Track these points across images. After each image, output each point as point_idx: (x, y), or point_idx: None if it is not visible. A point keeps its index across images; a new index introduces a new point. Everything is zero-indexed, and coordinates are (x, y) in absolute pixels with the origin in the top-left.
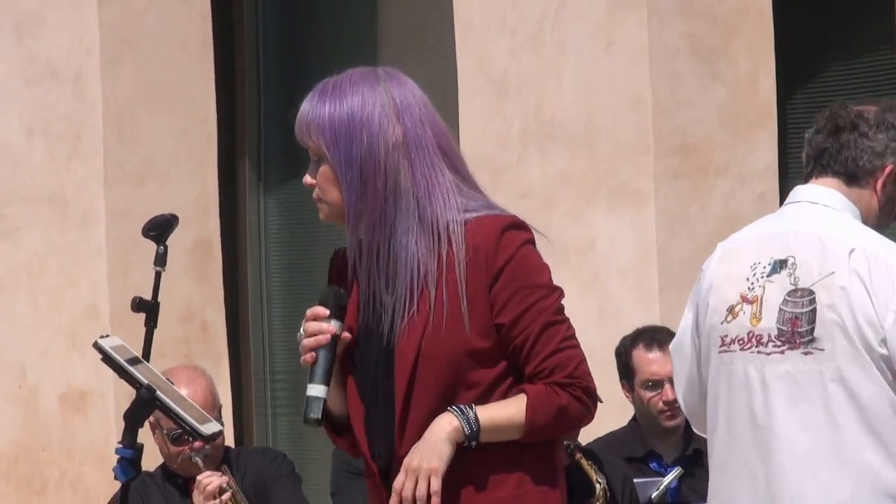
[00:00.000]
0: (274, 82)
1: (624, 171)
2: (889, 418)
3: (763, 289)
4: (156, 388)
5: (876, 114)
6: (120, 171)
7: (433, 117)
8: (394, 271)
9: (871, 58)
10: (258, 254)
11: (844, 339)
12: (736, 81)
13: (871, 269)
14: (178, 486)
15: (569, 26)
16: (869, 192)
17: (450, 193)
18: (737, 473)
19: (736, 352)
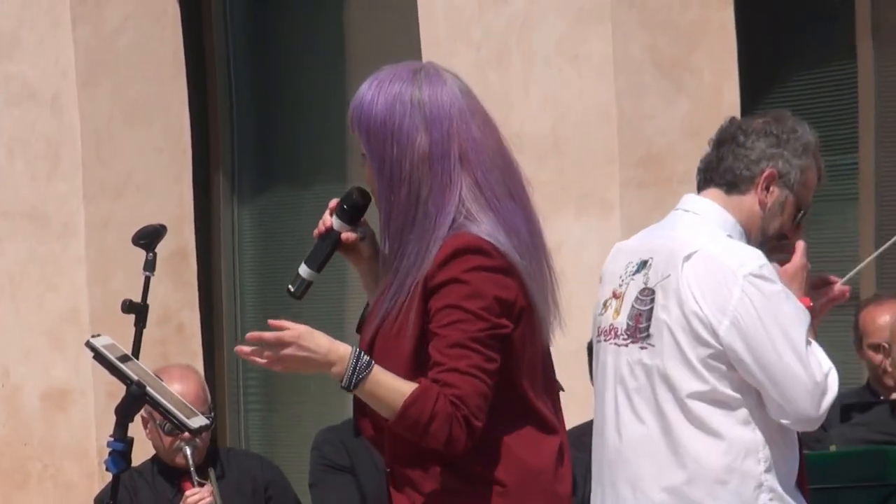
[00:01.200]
0: (245, 98)
1: (590, 181)
2: (713, 411)
3: (627, 286)
4: (145, 384)
5: (758, 125)
6: (99, 186)
7: (465, 122)
8: (393, 276)
9: (831, 68)
10: (231, 260)
11: (671, 338)
12: (699, 93)
13: (704, 271)
14: (169, 480)
15: (534, 40)
16: (750, 198)
17: (450, 213)
18: (599, 453)
19: (602, 342)
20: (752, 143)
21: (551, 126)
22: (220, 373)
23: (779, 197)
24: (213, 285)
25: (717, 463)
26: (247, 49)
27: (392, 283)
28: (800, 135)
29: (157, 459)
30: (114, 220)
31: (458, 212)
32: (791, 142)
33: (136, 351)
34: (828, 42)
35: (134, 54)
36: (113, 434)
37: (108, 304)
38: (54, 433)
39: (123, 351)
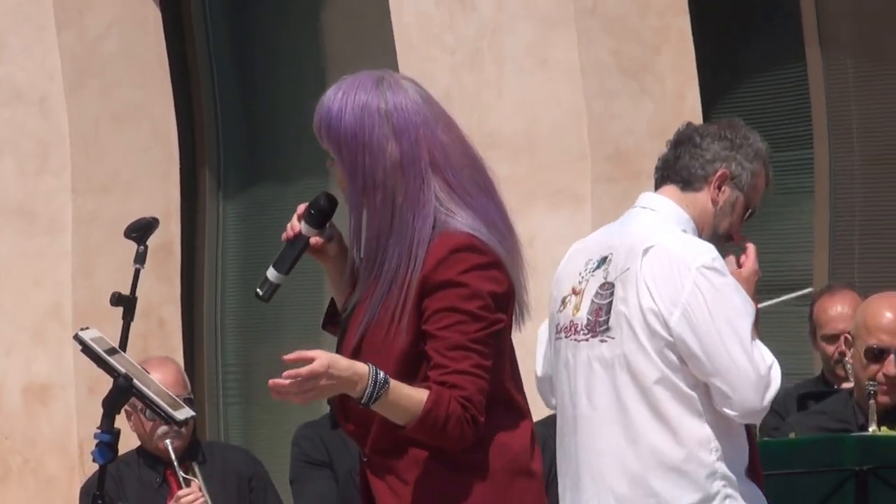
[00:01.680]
0: (228, 99)
1: (562, 177)
2: (670, 402)
3: (587, 282)
4: (132, 377)
5: (713, 129)
6: (86, 182)
7: (431, 130)
8: (374, 279)
9: (783, 71)
10: (215, 256)
11: (629, 330)
12: (663, 95)
13: (661, 264)
14: (154, 469)
15: (504, 45)
16: (704, 196)
17: (429, 213)
18: (563, 449)
19: (562, 339)
20: (708, 144)
21: (524, 126)
22: (199, 367)
23: (730, 197)
24: (195, 281)
25: (673, 453)
26: (228, 51)
27: (376, 288)
28: (752, 142)
29: (141, 449)
30: (100, 216)
31: (437, 211)
32: (744, 147)
33: (123, 343)
34: (779, 47)
35: (119, 58)
36: (100, 426)
37: (91, 299)
38: (36, 427)
39: (111, 344)
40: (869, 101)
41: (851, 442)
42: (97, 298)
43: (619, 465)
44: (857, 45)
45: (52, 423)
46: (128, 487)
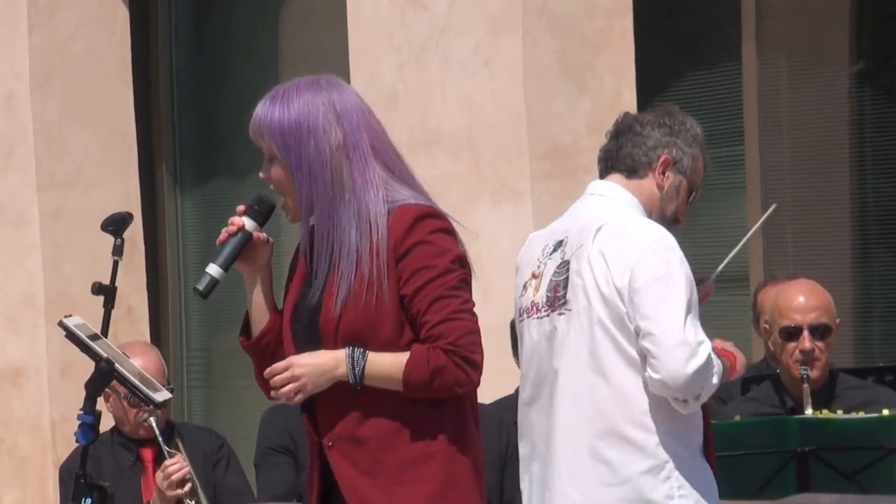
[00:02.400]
0: (186, 98)
1: (503, 173)
2: (621, 368)
3: (545, 265)
4: (114, 361)
5: (651, 117)
6: (51, 179)
7: (368, 120)
8: (337, 255)
9: (719, 70)
10: (176, 247)
11: (585, 300)
12: (601, 93)
13: (612, 240)
14: (129, 449)
15: (451, 46)
16: (649, 182)
17: (378, 188)
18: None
19: (525, 319)
20: (648, 132)
21: (466, 123)
22: (165, 352)
23: (674, 181)
24: (159, 271)
25: (623, 418)
26: (188, 54)
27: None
28: (689, 126)
29: (115, 430)
30: (66, 211)
31: (386, 188)
32: (682, 132)
33: (104, 330)
34: (715, 46)
35: (84, 58)
36: (82, 407)
37: (61, 288)
38: (10, 409)
39: (93, 330)
40: (800, 98)
41: (793, 424)
42: (66, 287)
43: (573, 432)
44: (792, 43)
45: (25, 404)
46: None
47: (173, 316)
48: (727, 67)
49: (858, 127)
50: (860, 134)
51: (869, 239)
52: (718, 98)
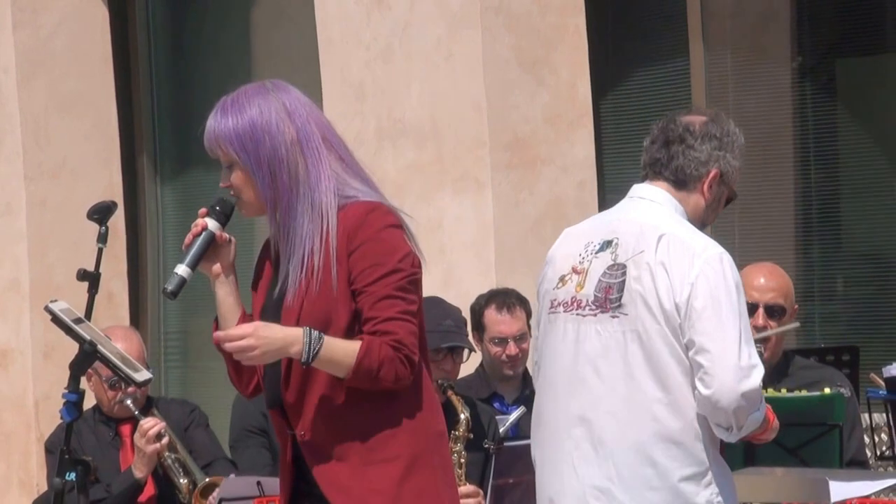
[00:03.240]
0: (165, 92)
1: (464, 163)
2: (676, 376)
3: (590, 263)
4: (97, 343)
5: (701, 126)
6: (37, 169)
7: (317, 115)
8: (293, 247)
9: (669, 65)
10: (156, 235)
11: (644, 307)
12: (557, 87)
13: (673, 251)
14: (108, 426)
15: (414, 41)
16: (696, 195)
17: (331, 181)
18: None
19: (560, 313)
20: (699, 146)
21: (430, 116)
22: (144, 335)
23: (718, 193)
24: (139, 258)
25: (673, 424)
26: (167, 49)
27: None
28: (736, 139)
29: (97, 408)
30: (51, 200)
31: (339, 182)
32: (731, 146)
33: (88, 314)
34: (665, 43)
35: (67, 54)
36: (67, 387)
37: (45, 275)
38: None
39: (77, 314)
40: (744, 93)
41: None
42: (51, 274)
43: (620, 431)
44: (736, 42)
45: (10, 384)
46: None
47: (152, 301)
48: (676, 64)
49: (800, 120)
50: (802, 127)
51: (810, 227)
52: (668, 93)
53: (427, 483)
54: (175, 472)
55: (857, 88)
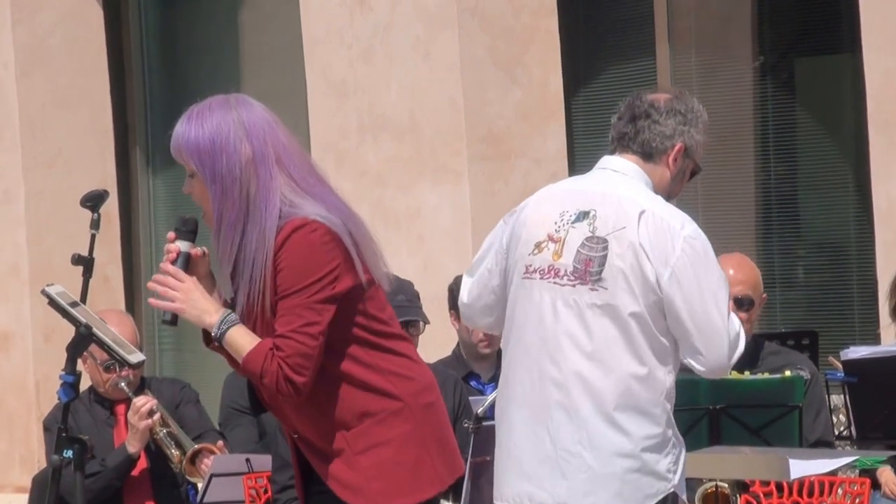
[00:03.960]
0: (157, 87)
1: (442, 156)
2: (650, 351)
3: (567, 232)
4: (92, 326)
5: (666, 102)
6: (35, 160)
7: (275, 133)
8: (243, 265)
9: (637, 63)
10: (148, 223)
11: (625, 284)
12: (530, 85)
13: (655, 229)
14: (104, 406)
15: (395, 41)
16: (662, 167)
17: (276, 202)
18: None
19: (536, 280)
20: (664, 120)
21: (409, 111)
22: (138, 318)
23: (682, 166)
24: (132, 244)
25: (645, 397)
26: (158, 47)
27: (243, 268)
28: (699, 114)
29: (92, 389)
30: (48, 190)
31: (283, 202)
32: (695, 121)
33: (83, 297)
34: (633, 43)
35: (64, 51)
36: (64, 368)
37: (44, 260)
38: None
39: (73, 298)
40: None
41: (706, 384)
42: (49, 260)
43: (594, 399)
44: (700, 41)
45: (12, 366)
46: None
47: (146, 285)
48: (643, 62)
49: (760, 116)
50: (762, 122)
51: (770, 217)
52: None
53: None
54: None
55: (814, 85)
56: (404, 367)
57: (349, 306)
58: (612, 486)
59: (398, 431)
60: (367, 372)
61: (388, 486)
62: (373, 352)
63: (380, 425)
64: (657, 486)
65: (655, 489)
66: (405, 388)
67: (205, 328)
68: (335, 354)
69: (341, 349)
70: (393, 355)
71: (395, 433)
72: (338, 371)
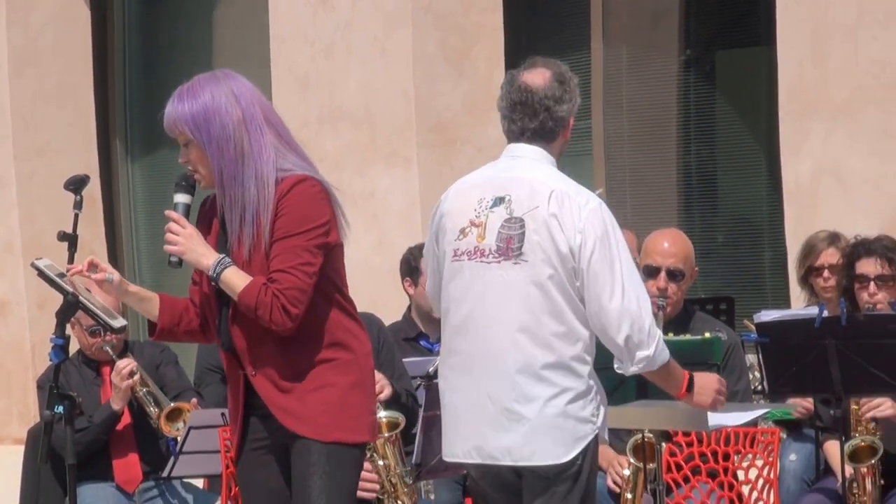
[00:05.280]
0: (136, 84)
1: (394, 143)
2: (569, 313)
3: (487, 217)
4: (78, 295)
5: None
6: (26, 150)
7: (260, 98)
8: (243, 210)
9: (573, 57)
10: (129, 204)
11: (542, 255)
12: (476, 78)
13: (563, 205)
14: (91, 368)
15: (353, 38)
16: (558, 143)
17: (270, 154)
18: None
19: (465, 261)
20: (557, 108)
21: (365, 103)
22: None
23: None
24: (115, 223)
25: (566, 352)
26: (139, 48)
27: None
28: (574, 83)
29: (80, 352)
30: (38, 175)
31: (277, 155)
32: (574, 92)
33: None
34: (570, 38)
35: (52, 50)
36: (55, 332)
37: (35, 238)
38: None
39: (60, 269)
40: (637, 81)
41: None
42: (40, 237)
43: (524, 359)
44: (630, 37)
45: (9, 331)
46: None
47: (128, 259)
48: (579, 57)
49: (684, 105)
50: (685, 112)
51: (692, 195)
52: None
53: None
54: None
55: (733, 77)
56: (356, 329)
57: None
58: (546, 434)
59: (348, 379)
60: (331, 324)
61: (331, 421)
62: (338, 308)
63: (333, 371)
64: (584, 430)
65: (583, 432)
66: (358, 345)
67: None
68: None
69: (316, 299)
70: (349, 317)
71: (345, 380)
72: (310, 318)
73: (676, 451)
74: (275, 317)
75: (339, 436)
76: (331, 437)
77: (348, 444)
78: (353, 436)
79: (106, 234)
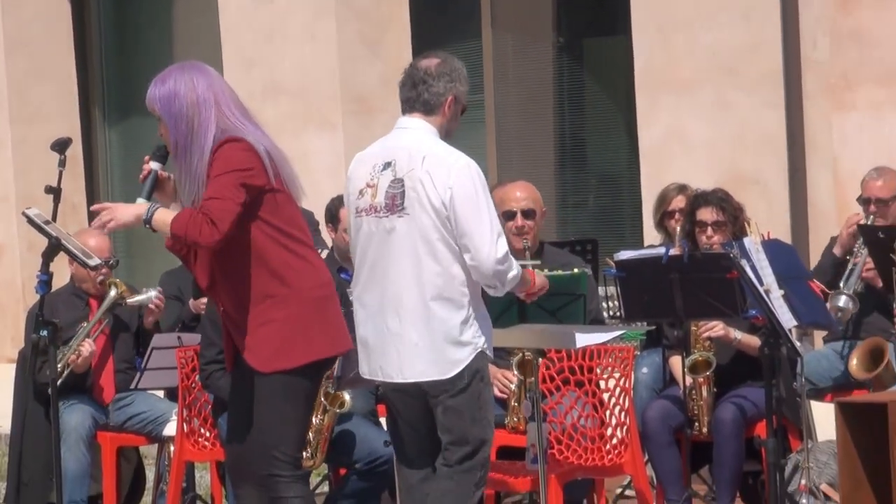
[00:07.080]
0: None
1: (324, 111)
2: (447, 255)
3: (378, 179)
4: (61, 239)
5: (436, 67)
6: (19, 116)
7: (217, 85)
8: (190, 179)
9: (467, 44)
10: (106, 163)
11: (420, 208)
12: (388, 59)
13: (434, 164)
14: (79, 297)
15: (289, 26)
16: (440, 116)
17: (213, 130)
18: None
19: (364, 217)
20: (436, 83)
21: (299, 80)
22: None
23: (455, 110)
24: (93, 179)
25: (446, 286)
26: (113, 30)
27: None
28: (460, 70)
29: (70, 285)
30: (29, 139)
31: (217, 130)
32: (458, 77)
33: (54, 217)
34: (464, 27)
35: (41, 34)
36: (40, 269)
37: (27, 191)
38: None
39: (46, 217)
40: (521, 63)
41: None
42: (30, 190)
43: (412, 295)
44: (515, 24)
45: (4, 270)
46: (59, 310)
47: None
48: (472, 43)
49: (559, 82)
50: (560, 86)
51: (564, 156)
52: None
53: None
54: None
55: (598, 59)
56: (300, 267)
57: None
58: (428, 356)
59: (285, 314)
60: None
61: (273, 353)
62: (279, 249)
63: (274, 307)
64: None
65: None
66: (298, 281)
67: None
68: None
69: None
70: (295, 256)
71: (282, 314)
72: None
73: (550, 364)
74: (203, 230)
75: (278, 365)
76: (271, 367)
77: (285, 372)
78: (290, 362)
79: (86, 188)
